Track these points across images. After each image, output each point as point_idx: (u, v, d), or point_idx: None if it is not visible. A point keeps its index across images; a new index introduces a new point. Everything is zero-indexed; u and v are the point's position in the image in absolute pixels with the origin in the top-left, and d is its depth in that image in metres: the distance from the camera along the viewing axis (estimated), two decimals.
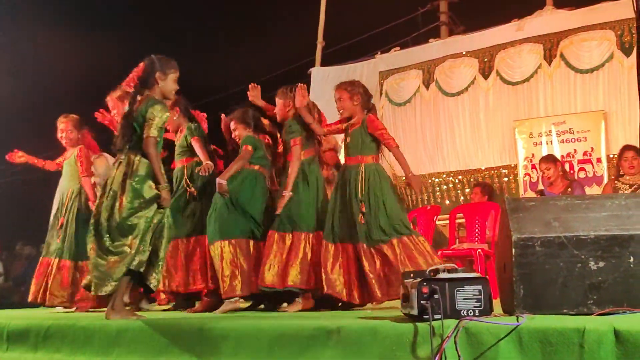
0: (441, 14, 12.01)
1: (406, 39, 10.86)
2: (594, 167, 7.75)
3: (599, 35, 7.86)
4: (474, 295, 2.51)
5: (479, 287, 2.52)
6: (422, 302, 2.47)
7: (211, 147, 5.14)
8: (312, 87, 9.73)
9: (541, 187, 7.42)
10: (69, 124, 5.51)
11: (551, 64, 8.15)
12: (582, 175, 7.75)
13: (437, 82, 8.97)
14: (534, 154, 8.06)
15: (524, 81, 8.33)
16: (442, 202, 8.68)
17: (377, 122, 4.57)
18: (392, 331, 2.54)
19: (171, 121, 5.07)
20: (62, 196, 5.53)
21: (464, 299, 2.51)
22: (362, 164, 4.49)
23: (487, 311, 2.50)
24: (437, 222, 7.32)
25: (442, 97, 8.92)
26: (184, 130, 5.04)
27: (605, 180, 7.44)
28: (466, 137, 8.73)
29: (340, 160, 5.54)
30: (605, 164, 7.63)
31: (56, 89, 11.32)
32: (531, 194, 7.81)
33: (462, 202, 8.39)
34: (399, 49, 9.78)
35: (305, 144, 4.70)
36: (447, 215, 7.39)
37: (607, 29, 7.81)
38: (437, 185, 8.85)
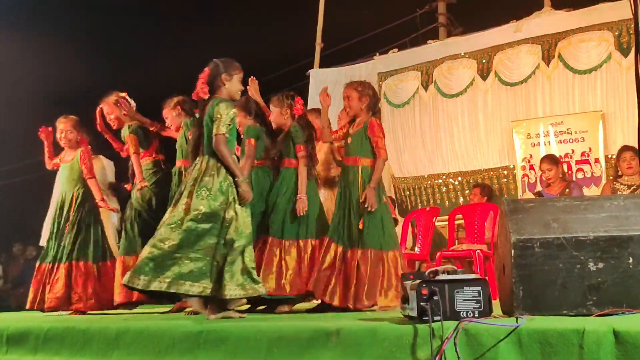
0: (439, 15, 12.03)
1: (404, 40, 10.87)
2: (592, 168, 7.75)
3: (597, 36, 7.86)
4: (474, 296, 2.51)
5: (479, 288, 2.52)
6: (421, 303, 2.47)
7: None
8: (311, 89, 9.76)
9: (539, 188, 7.42)
10: (68, 124, 5.49)
11: (549, 65, 8.16)
12: (580, 175, 7.76)
13: (436, 83, 8.98)
14: (531, 155, 8.07)
15: (522, 82, 8.34)
16: (441, 203, 8.68)
17: (377, 128, 4.53)
18: (391, 333, 2.54)
19: (173, 120, 5.09)
20: (63, 200, 5.48)
21: (464, 301, 2.50)
22: (359, 166, 4.50)
23: (486, 312, 2.50)
24: (437, 223, 7.33)
25: (440, 99, 8.93)
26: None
27: (603, 180, 7.44)
28: (465, 138, 8.74)
29: None
30: (603, 164, 7.64)
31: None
32: (529, 194, 7.81)
33: (461, 203, 8.40)
34: (397, 50, 9.78)
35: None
36: (446, 216, 7.39)
37: (605, 29, 7.81)
38: (436, 186, 8.86)
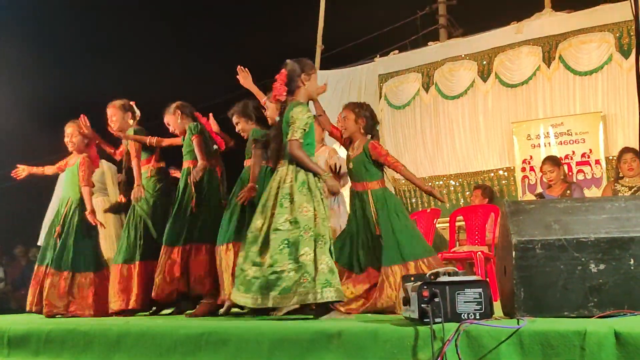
0: (440, 16, 12.04)
1: (405, 42, 10.89)
2: (592, 169, 7.75)
3: (597, 37, 7.86)
4: (475, 298, 2.51)
5: (480, 290, 2.52)
6: (422, 305, 2.47)
7: (215, 147, 5.14)
8: None
9: (540, 189, 7.42)
10: (75, 128, 5.51)
11: (550, 67, 8.15)
12: (580, 177, 7.75)
13: (437, 85, 8.98)
14: (532, 156, 8.06)
15: (522, 83, 8.33)
16: (442, 204, 8.67)
17: (379, 148, 4.44)
18: (393, 335, 2.54)
19: (176, 125, 5.08)
20: (61, 204, 5.48)
21: (465, 302, 2.50)
22: (368, 191, 4.40)
23: (487, 314, 2.50)
24: (437, 225, 7.32)
25: (441, 100, 8.93)
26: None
27: (604, 182, 7.43)
28: (466, 140, 8.74)
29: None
30: (604, 165, 7.63)
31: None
32: (530, 196, 7.80)
33: (462, 205, 8.39)
34: (398, 52, 9.79)
35: None
36: (447, 218, 7.39)
37: (606, 31, 7.81)
38: (436, 188, 8.85)
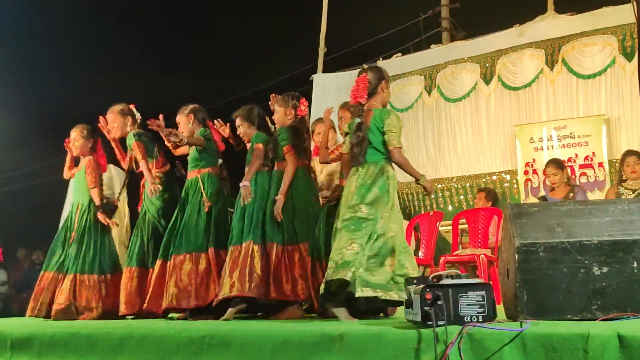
0: (443, 19, 12.03)
1: (408, 45, 10.88)
2: (595, 172, 7.74)
3: (601, 40, 7.86)
4: (478, 301, 2.50)
5: (483, 292, 2.51)
6: (425, 308, 2.46)
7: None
8: (314, 94, 9.75)
9: (543, 192, 7.41)
10: (79, 132, 5.53)
11: (553, 69, 8.16)
12: (583, 180, 7.74)
13: (439, 87, 8.98)
14: (534, 159, 8.06)
15: (525, 86, 8.35)
16: (444, 207, 8.68)
17: None
18: (395, 337, 2.54)
19: (185, 127, 5.03)
20: (72, 209, 5.48)
21: (468, 305, 2.50)
22: None
23: (490, 317, 2.49)
24: (440, 228, 7.31)
25: (444, 103, 8.94)
26: None
27: (607, 184, 7.43)
28: (468, 143, 8.74)
29: None
30: (607, 168, 7.62)
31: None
32: (532, 199, 7.80)
33: (464, 208, 8.39)
34: (400, 55, 9.80)
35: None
36: (450, 221, 7.38)
37: (609, 34, 7.82)
38: (439, 191, 8.85)
